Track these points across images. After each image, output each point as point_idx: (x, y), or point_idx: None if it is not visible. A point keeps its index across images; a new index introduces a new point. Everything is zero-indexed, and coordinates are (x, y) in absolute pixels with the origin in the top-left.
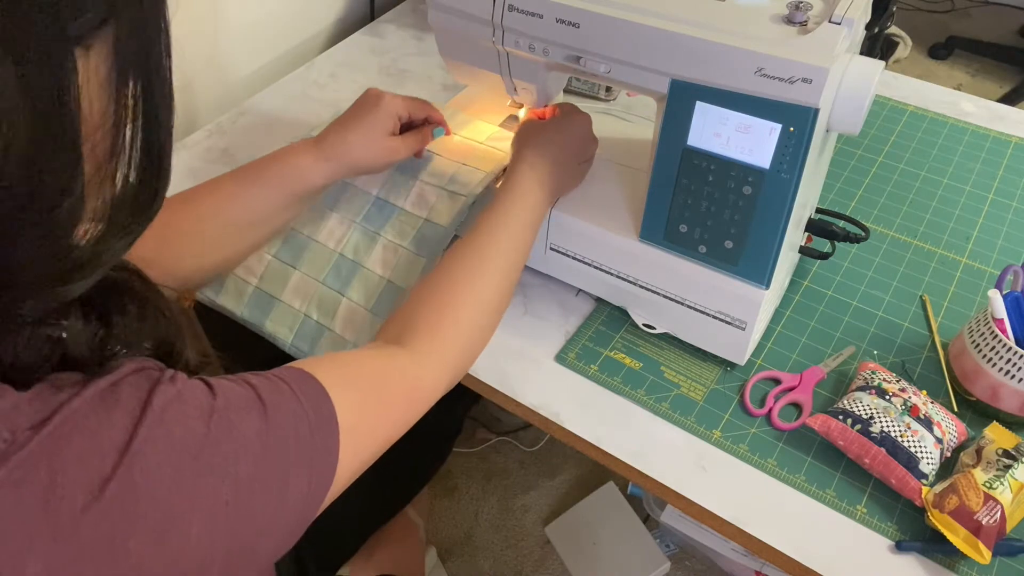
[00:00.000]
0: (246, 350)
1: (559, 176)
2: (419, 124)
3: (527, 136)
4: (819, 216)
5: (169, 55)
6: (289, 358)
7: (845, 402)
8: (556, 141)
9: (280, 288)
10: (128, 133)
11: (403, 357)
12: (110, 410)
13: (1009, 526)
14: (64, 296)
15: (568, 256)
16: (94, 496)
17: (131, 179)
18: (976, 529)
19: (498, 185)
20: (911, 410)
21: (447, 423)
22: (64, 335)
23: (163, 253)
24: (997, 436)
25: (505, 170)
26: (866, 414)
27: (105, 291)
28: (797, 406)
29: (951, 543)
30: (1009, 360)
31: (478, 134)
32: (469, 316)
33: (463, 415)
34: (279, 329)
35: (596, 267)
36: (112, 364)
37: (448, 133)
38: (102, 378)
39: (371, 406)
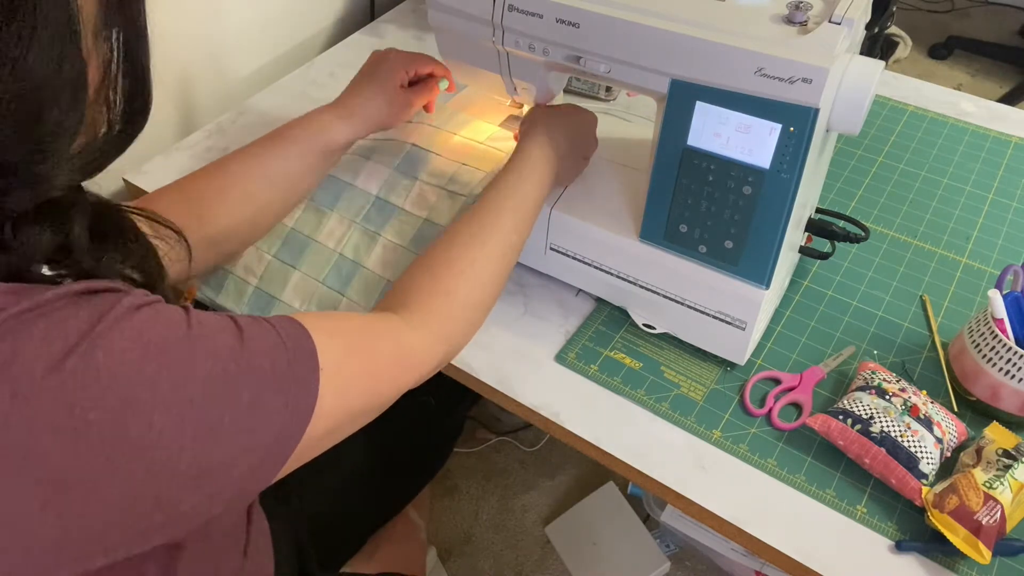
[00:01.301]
0: None
1: (564, 162)
2: (424, 78)
3: (538, 117)
4: (819, 216)
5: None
6: None
7: (845, 402)
8: (565, 128)
9: (280, 288)
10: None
11: (395, 320)
12: (80, 306)
13: (1009, 526)
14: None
15: (568, 256)
16: (54, 366)
17: (119, 101)
18: (976, 529)
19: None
20: (911, 410)
21: (448, 423)
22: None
23: (196, 215)
24: (997, 436)
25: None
26: (866, 414)
27: (96, 220)
28: (797, 406)
29: (951, 543)
30: (1009, 360)
31: (478, 134)
32: (465, 289)
33: (464, 415)
34: None
35: (596, 267)
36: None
37: (451, 87)
38: (80, 283)
39: (357, 356)
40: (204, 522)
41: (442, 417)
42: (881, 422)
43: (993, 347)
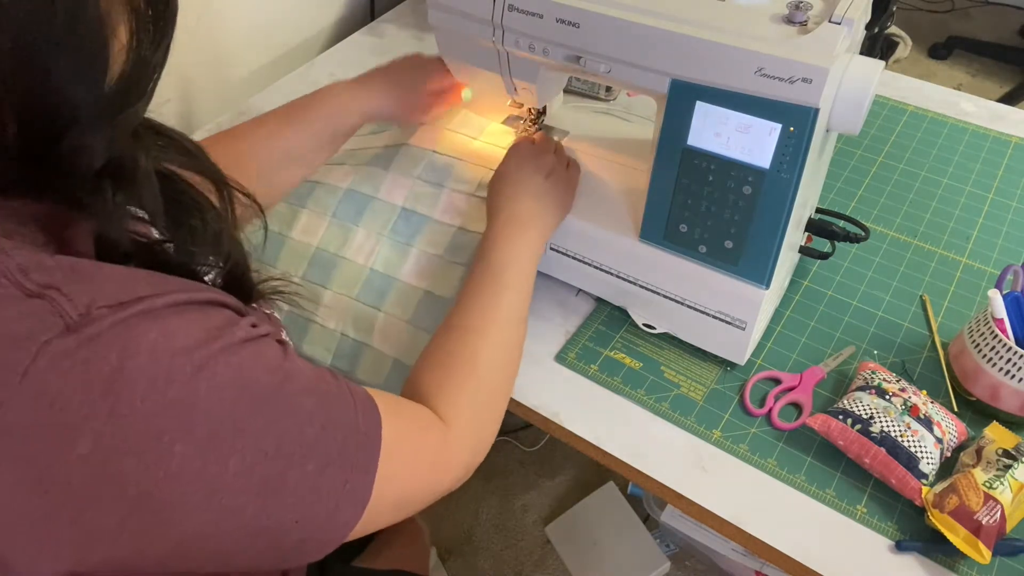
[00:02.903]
0: None
1: (543, 216)
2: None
3: (500, 187)
4: (819, 216)
5: None
6: None
7: (845, 402)
8: (530, 184)
9: (313, 310)
10: None
11: (432, 414)
12: (192, 321)
13: (1009, 526)
14: (125, 125)
15: (568, 256)
16: (156, 392)
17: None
18: (976, 529)
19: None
20: (911, 410)
21: None
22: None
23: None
24: (997, 436)
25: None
26: (866, 414)
27: (174, 200)
28: (797, 406)
29: (951, 543)
30: (1009, 360)
31: (479, 132)
32: (477, 385)
33: None
34: (317, 351)
35: (596, 267)
36: (202, 286)
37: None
38: (189, 291)
39: (410, 440)
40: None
41: None
42: (881, 422)
43: (993, 347)
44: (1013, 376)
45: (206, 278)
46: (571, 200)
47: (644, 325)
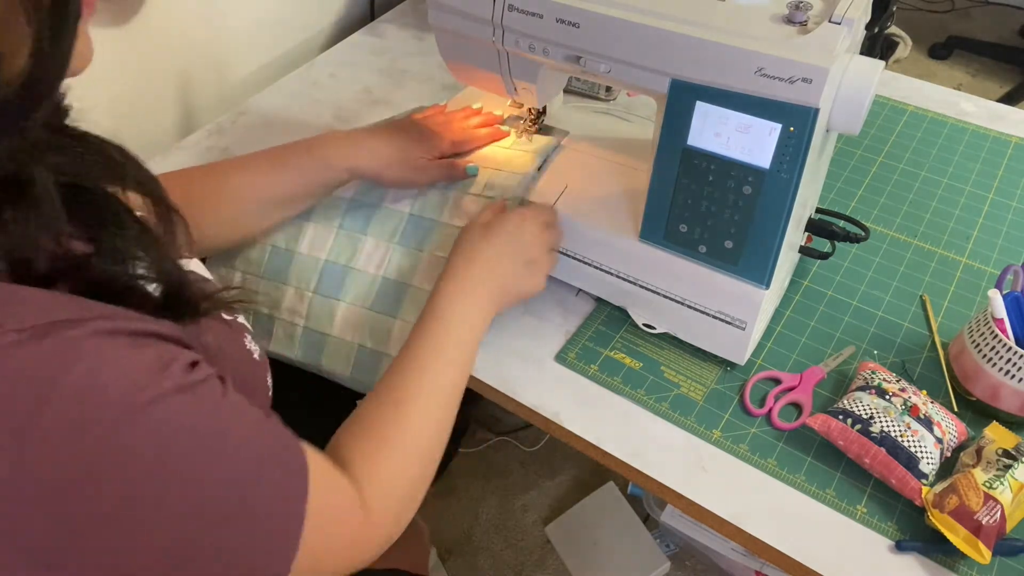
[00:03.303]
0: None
1: (497, 283)
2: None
3: (459, 244)
4: (819, 216)
5: None
6: (355, 393)
7: (845, 402)
8: (492, 247)
9: (328, 323)
10: None
11: (354, 491)
12: (121, 359)
13: (1009, 526)
14: (23, 133)
15: (568, 256)
16: (77, 436)
17: None
18: (976, 529)
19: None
20: (911, 410)
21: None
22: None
23: (187, 216)
24: (997, 436)
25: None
26: (866, 414)
27: (93, 215)
28: (797, 406)
29: (951, 543)
30: (1009, 360)
31: (503, 140)
32: (406, 460)
33: (468, 414)
34: (336, 364)
35: (596, 267)
36: (132, 313)
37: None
38: (113, 319)
39: (332, 517)
40: None
41: None
42: (881, 422)
43: (993, 347)
44: (1013, 376)
45: (150, 288)
46: (531, 294)
47: (644, 325)
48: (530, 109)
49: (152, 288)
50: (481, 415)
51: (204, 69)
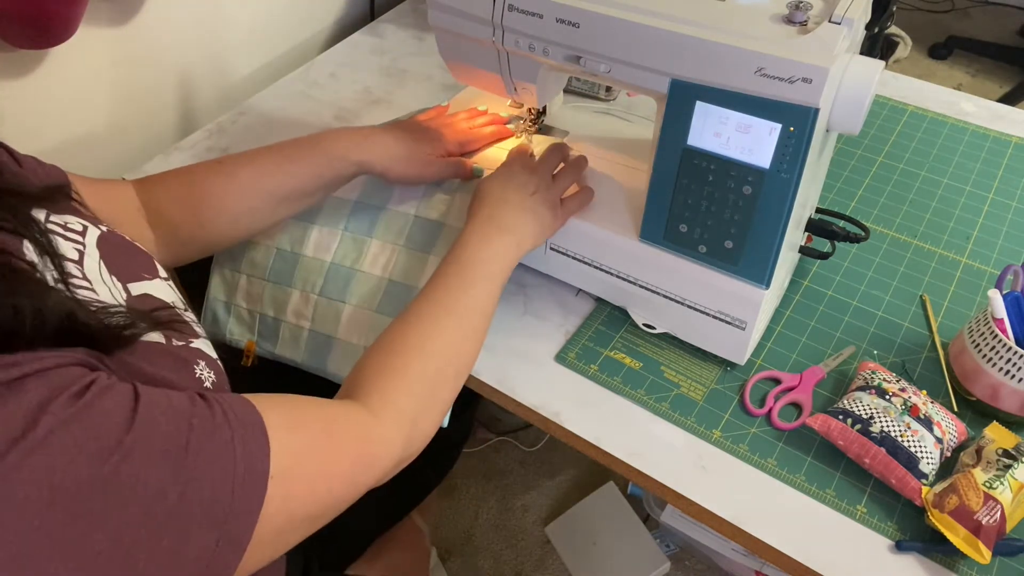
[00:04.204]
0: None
1: (519, 220)
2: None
3: (477, 195)
4: (819, 216)
5: None
6: None
7: (845, 402)
8: (504, 187)
9: (334, 326)
10: None
11: (358, 410)
12: None
13: (1009, 526)
14: None
15: (568, 256)
16: None
17: None
18: (976, 529)
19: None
20: (911, 410)
21: (456, 428)
22: None
23: (195, 218)
24: (997, 436)
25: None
26: (866, 414)
27: None
28: (797, 406)
29: (951, 543)
30: (1009, 360)
31: (506, 142)
32: (419, 365)
33: (472, 419)
34: (342, 367)
35: (596, 267)
36: (13, 357)
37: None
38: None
39: (315, 457)
40: None
41: (450, 419)
42: (881, 422)
43: (993, 347)
44: (1013, 376)
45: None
46: (552, 225)
47: (644, 325)
48: (530, 109)
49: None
50: (481, 415)
51: (204, 69)
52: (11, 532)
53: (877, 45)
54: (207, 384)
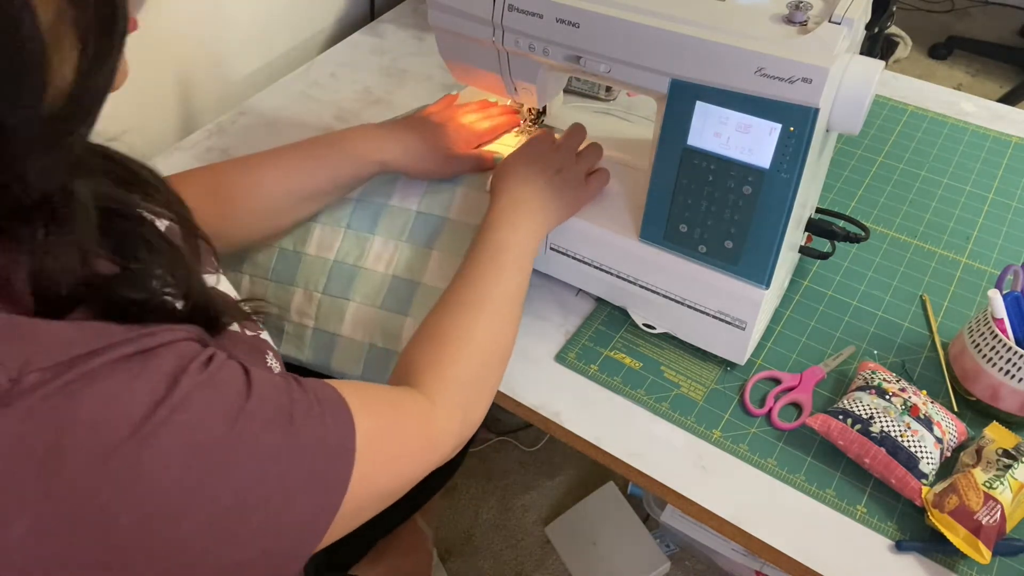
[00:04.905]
0: None
1: (543, 200)
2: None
3: (498, 175)
4: (819, 216)
5: None
6: None
7: (845, 402)
8: (526, 168)
9: (338, 324)
10: None
11: (419, 397)
12: (134, 379)
13: (1009, 526)
14: (64, 152)
15: (568, 256)
16: (96, 466)
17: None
18: (976, 529)
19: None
20: (911, 410)
21: None
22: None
23: (219, 216)
24: (997, 436)
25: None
26: (866, 414)
27: (124, 234)
28: (797, 406)
29: (951, 543)
30: (1009, 360)
31: (509, 139)
32: (466, 358)
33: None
34: (346, 365)
35: (596, 267)
36: (149, 328)
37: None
38: (132, 341)
39: (389, 437)
40: None
41: None
42: (881, 422)
43: (993, 347)
44: (1013, 376)
45: (178, 304)
46: (577, 202)
47: (644, 325)
48: (530, 109)
49: (179, 304)
50: None
51: (204, 69)
52: (154, 488)
53: (877, 45)
54: (275, 373)
